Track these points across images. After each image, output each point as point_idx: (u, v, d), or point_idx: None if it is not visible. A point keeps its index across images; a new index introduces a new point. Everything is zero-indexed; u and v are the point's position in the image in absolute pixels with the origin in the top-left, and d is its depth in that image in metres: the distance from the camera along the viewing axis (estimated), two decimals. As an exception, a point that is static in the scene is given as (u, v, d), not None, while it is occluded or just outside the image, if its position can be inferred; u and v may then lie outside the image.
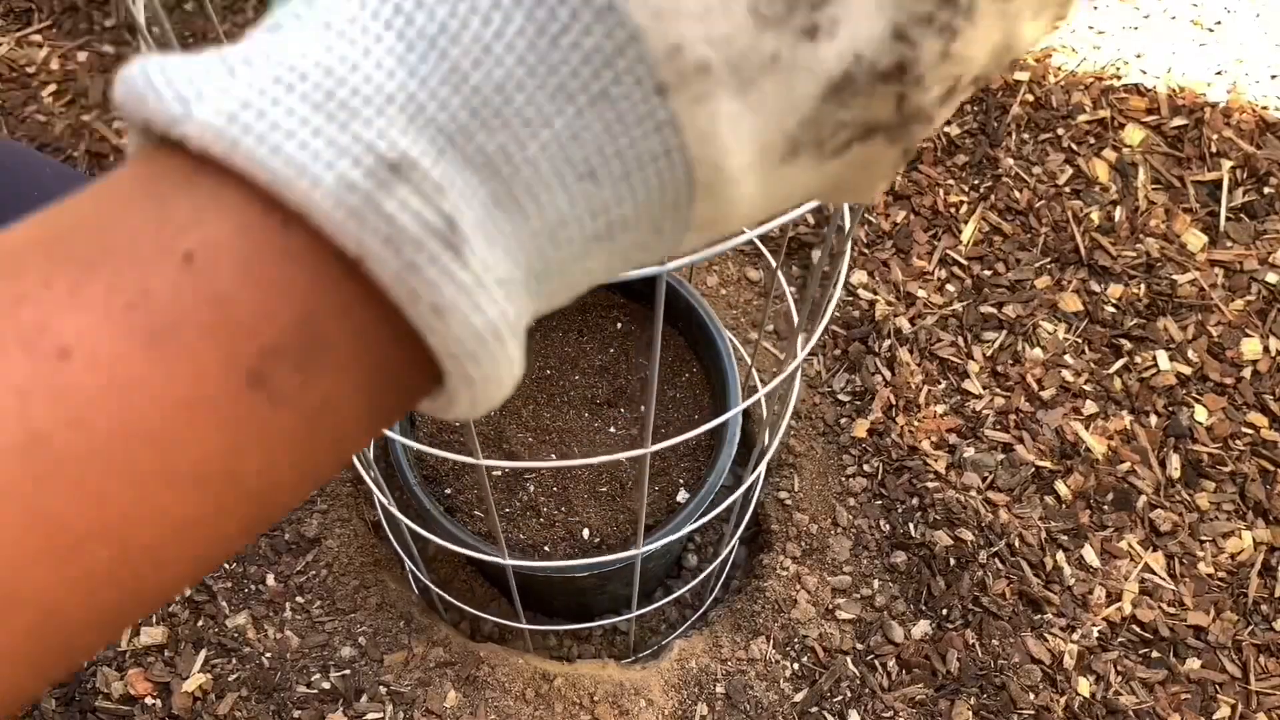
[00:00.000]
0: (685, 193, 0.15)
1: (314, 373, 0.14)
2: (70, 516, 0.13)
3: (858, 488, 0.79)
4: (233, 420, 0.14)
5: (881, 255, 0.88)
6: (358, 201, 0.13)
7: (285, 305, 0.14)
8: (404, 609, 0.72)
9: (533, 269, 0.15)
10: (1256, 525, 0.78)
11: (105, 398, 0.13)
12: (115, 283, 0.13)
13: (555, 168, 0.14)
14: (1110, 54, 0.97)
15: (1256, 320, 0.85)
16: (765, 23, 0.14)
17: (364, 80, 0.13)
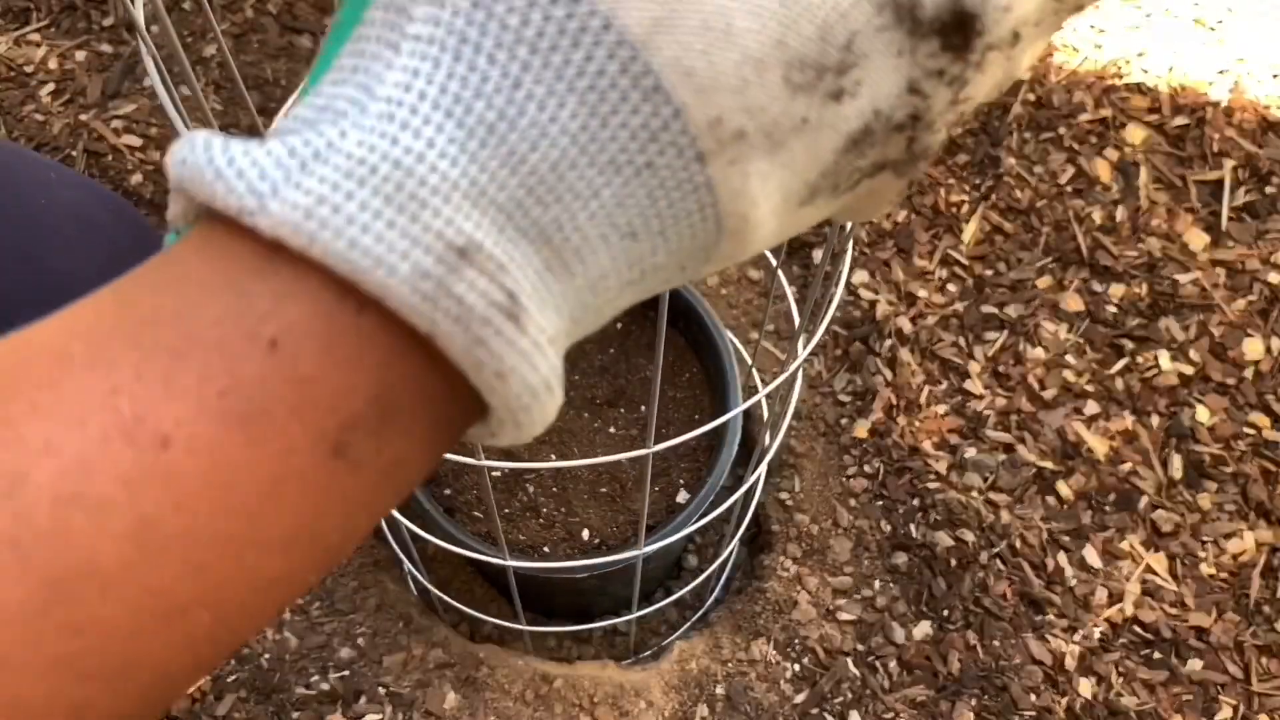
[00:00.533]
0: (713, 238, 0.16)
1: (387, 438, 0.15)
2: (177, 589, 0.14)
3: (859, 488, 0.79)
4: (317, 488, 0.15)
5: (882, 255, 0.88)
6: (430, 287, 0.14)
7: (362, 381, 0.15)
8: (403, 610, 0.72)
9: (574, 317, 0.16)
10: (1258, 526, 0.77)
11: (205, 481, 0.14)
12: (206, 372, 0.14)
13: (601, 231, 0.15)
14: (1112, 53, 0.97)
15: (1259, 320, 0.85)
16: (796, 90, 0.15)
17: (430, 170, 0.14)
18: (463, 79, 0.14)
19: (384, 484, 0.16)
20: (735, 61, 0.14)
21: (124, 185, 0.87)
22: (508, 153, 0.14)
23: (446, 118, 0.14)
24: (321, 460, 0.15)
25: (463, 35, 0.14)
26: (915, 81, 0.16)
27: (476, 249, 0.14)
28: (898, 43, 0.15)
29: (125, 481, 0.14)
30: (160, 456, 0.14)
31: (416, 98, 0.14)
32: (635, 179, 0.15)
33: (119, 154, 0.89)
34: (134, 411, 0.14)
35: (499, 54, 0.14)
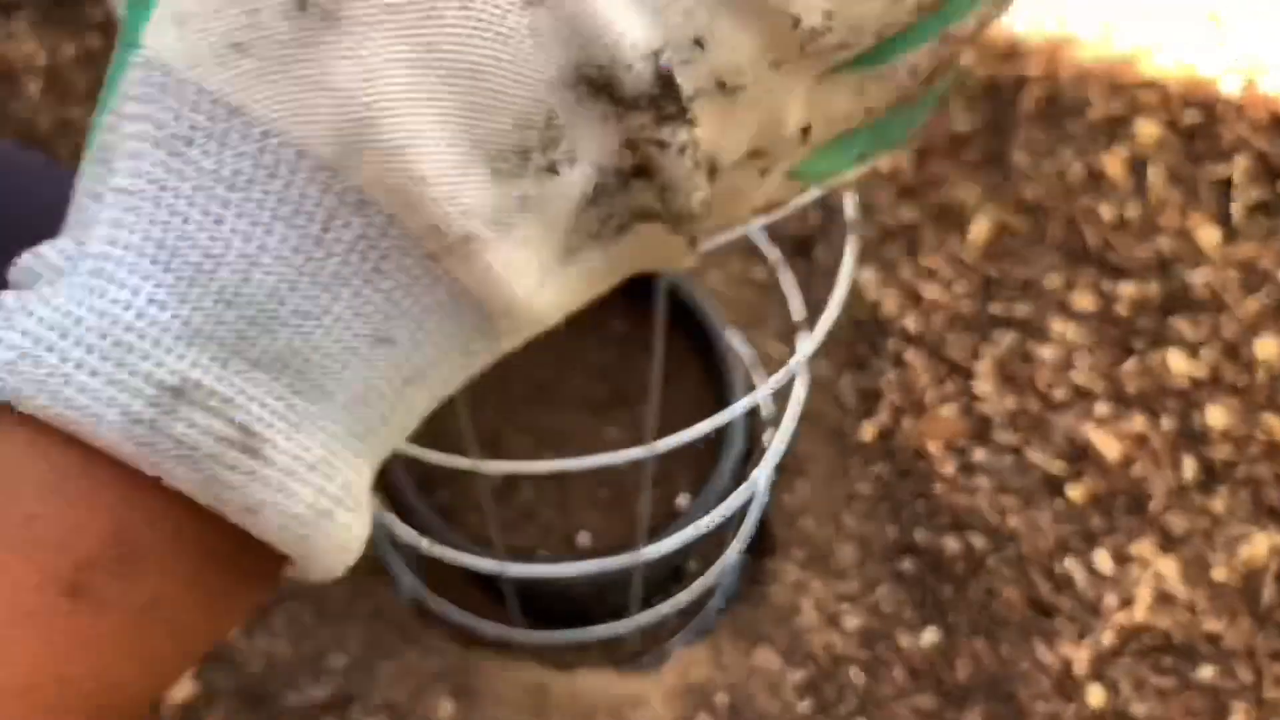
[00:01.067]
0: (483, 319, 0.16)
1: (134, 578, 0.14)
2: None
3: (864, 492, 0.78)
4: (54, 629, 0.14)
5: (888, 253, 0.87)
6: (144, 431, 0.14)
7: (94, 520, 0.14)
8: (398, 617, 0.71)
9: (353, 432, 0.16)
10: (1271, 530, 0.77)
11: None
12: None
13: (345, 345, 0.15)
14: (1122, 48, 0.96)
15: (1272, 320, 0.84)
16: (506, 177, 0.15)
17: (136, 316, 0.14)
18: (164, 224, 0.14)
19: (144, 626, 0.15)
20: (437, 171, 0.14)
21: (114, 181, 0.87)
22: (219, 288, 0.14)
23: (152, 264, 0.14)
24: (55, 601, 0.14)
25: (161, 182, 0.14)
26: (632, 139, 0.15)
27: (194, 386, 0.14)
28: (600, 110, 0.15)
29: None
30: None
31: (122, 249, 0.14)
32: (366, 287, 0.15)
33: (109, 150, 0.88)
34: None
35: (198, 196, 0.14)
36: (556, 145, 0.15)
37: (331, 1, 0.14)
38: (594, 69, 0.15)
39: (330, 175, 0.14)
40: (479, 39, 0.14)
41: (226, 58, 0.14)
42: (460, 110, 0.14)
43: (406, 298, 0.15)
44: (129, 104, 0.14)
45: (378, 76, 0.14)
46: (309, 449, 0.15)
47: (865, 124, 0.20)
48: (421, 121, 0.14)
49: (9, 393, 0.14)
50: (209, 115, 0.14)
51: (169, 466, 0.14)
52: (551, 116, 0.15)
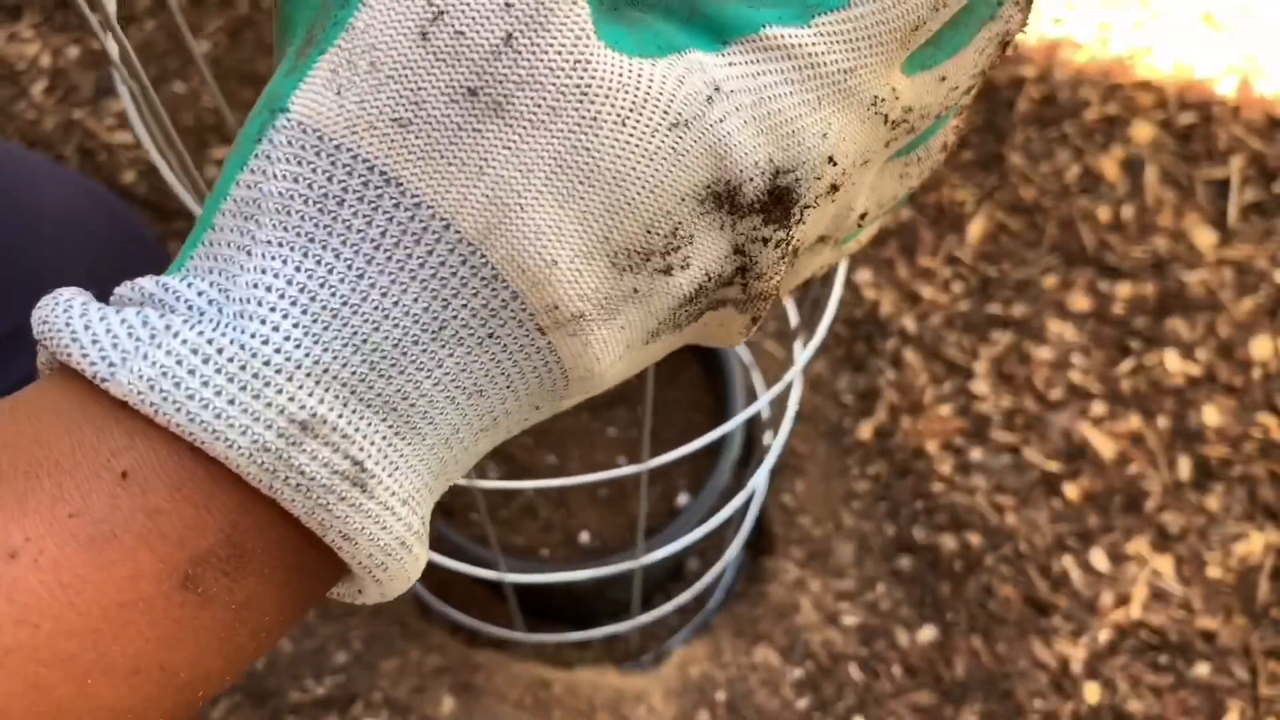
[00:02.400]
0: (561, 384, 0.18)
1: (239, 576, 0.16)
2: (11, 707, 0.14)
3: (862, 490, 0.78)
4: (166, 618, 0.15)
5: (886, 254, 0.87)
6: (270, 459, 0.15)
7: (212, 521, 0.15)
8: (400, 614, 0.71)
9: (434, 471, 0.17)
10: (1266, 528, 0.77)
11: (51, 596, 0.14)
12: (58, 494, 0.15)
13: (448, 394, 0.16)
14: (1118, 49, 0.96)
15: (1266, 320, 0.84)
16: (624, 271, 0.17)
17: (274, 351, 0.15)
18: (309, 271, 0.15)
19: (237, 623, 0.16)
20: (566, 257, 0.16)
21: (117, 183, 0.87)
22: (351, 333, 0.15)
23: (292, 305, 0.15)
24: (170, 590, 0.15)
25: (310, 236, 0.15)
26: (739, 246, 0.17)
27: (320, 422, 0.15)
28: (720, 220, 0.17)
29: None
30: (6, 568, 0.14)
31: (265, 291, 0.15)
32: (479, 347, 0.16)
33: (111, 151, 0.88)
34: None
35: (344, 250, 0.15)
36: (676, 252, 0.17)
37: (502, 95, 0.15)
38: (723, 185, 0.16)
39: (470, 250, 0.16)
40: (628, 152, 0.16)
41: (387, 131, 0.15)
42: (598, 210, 0.16)
43: (508, 360, 0.17)
44: (278, 164, 0.15)
45: (532, 170, 0.15)
46: (403, 485, 0.16)
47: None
48: (562, 214, 0.16)
49: (149, 406, 0.15)
50: (363, 181, 0.15)
51: (286, 492, 0.15)
52: (678, 227, 0.16)
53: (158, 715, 0.16)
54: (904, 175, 0.21)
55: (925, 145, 0.21)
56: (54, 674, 0.14)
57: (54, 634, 0.14)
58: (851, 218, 0.20)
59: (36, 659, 0.14)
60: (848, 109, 0.17)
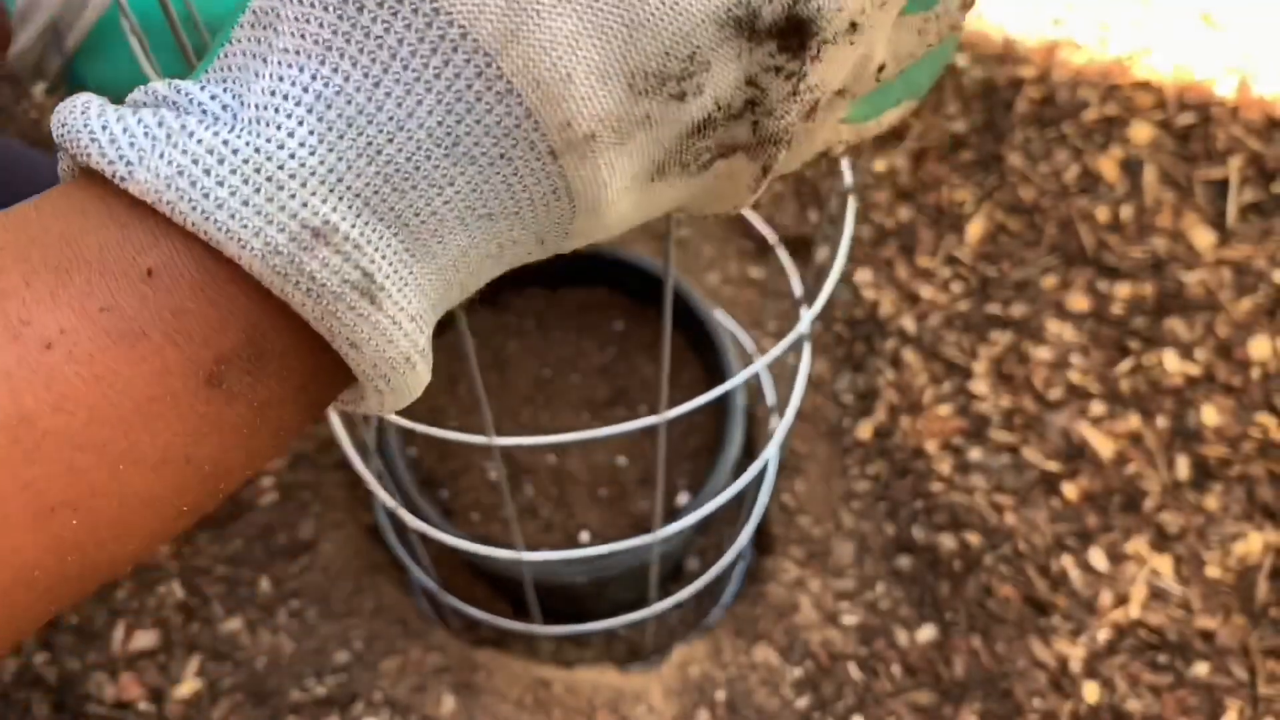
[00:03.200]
0: (568, 214, 0.18)
1: (260, 376, 0.16)
2: (49, 487, 0.15)
3: (861, 490, 0.78)
4: (193, 412, 0.16)
5: (885, 254, 0.88)
6: (282, 263, 0.15)
7: (234, 320, 0.16)
8: (400, 614, 0.71)
9: (438, 291, 0.18)
10: (1265, 528, 0.77)
11: (85, 385, 0.15)
12: (88, 289, 0.15)
13: (459, 215, 0.17)
14: (1117, 50, 0.96)
15: (1265, 320, 0.84)
16: (639, 95, 0.16)
17: (289, 156, 0.15)
18: (325, 79, 0.15)
19: (259, 423, 0.17)
20: (582, 73, 0.16)
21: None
22: (365, 143, 0.15)
23: (308, 113, 0.15)
24: (196, 386, 0.16)
25: (327, 44, 0.15)
26: (752, 76, 0.17)
27: (333, 230, 0.15)
28: (737, 47, 0.17)
29: (6, 375, 0.14)
30: (43, 357, 0.15)
31: (281, 99, 0.15)
32: (490, 168, 0.16)
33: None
34: (19, 315, 0.15)
35: (361, 58, 0.15)
36: (691, 78, 0.17)
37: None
38: (743, 9, 0.16)
39: (486, 60, 0.15)
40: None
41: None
42: (618, 27, 0.16)
43: (519, 183, 0.17)
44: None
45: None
46: (412, 302, 0.17)
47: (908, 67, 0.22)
48: (580, 26, 0.16)
49: (165, 205, 0.15)
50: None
51: (297, 296, 0.16)
52: (695, 51, 0.16)
53: (181, 504, 0.17)
54: (922, 31, 0.21)
55: (944, 1, 0.21)
56: (88, 459, 0.15)
57: (89, 422, 0.15)
58: (870, 68, 0.20)
59: (73, 444, 0.15)
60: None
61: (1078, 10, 0.98)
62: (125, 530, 0.16)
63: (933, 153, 0.92)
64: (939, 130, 0.92)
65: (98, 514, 0.15)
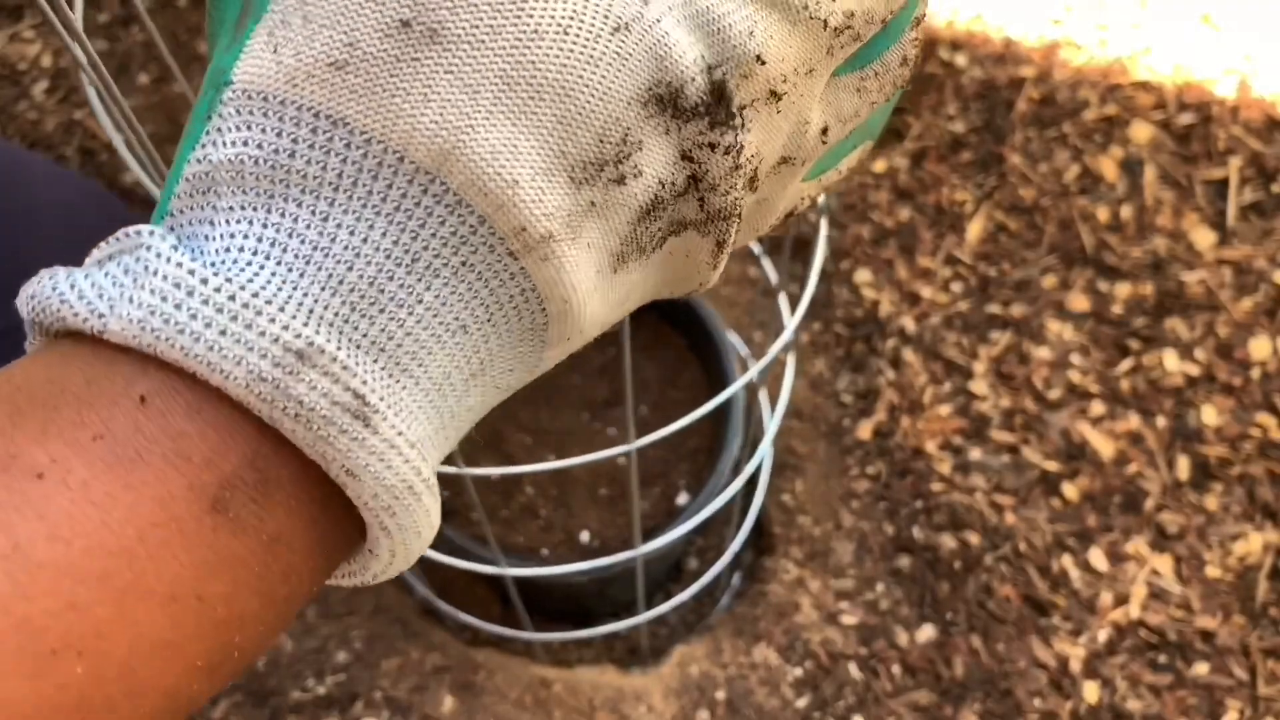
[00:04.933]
0: (540, 318, 0.17)
1: (268, 506, 0.15)
2: (49, 626, 0.13)
3: (861, 490, 0.78)
4: (199, 542, 0.15)
5: (885, 254, 0.88)
6: (267, 390, 0.15)
7: (235, 445, 0.15)
8: (400, 613, 0.71)
9: (432, 421, 0.17)
10: (1265, 528, 0.77)
11: (81, 514, 0.14)
12: (79, 420, 0.14)
13: (433, 332, 0.16)
14: (1117, 50, 0.96)
15: (1265, 320, 0.84)
16: (580, 184, 0.16)
17: (261, 288, 0.15)
18: (276, 225, 0.15)
19: (270, 558, 0.16)
20: (527, 176, 0.16)
21: (117, 183, 0.87)
22: (326, 276, 0.15)
23: (266, 259, 0.15)
24: (201, 513, 0.15)
25: (269, 193, 0.15)
26: (686, 151, 0.17)
27: (318, 352, 0.15)
28: (664, 124, 0.17)
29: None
30: (34, 486, 0.14)
31: (236, 253, 0.15)
32: (454, 278, 0.16)
33: (113, 152, 0.88)
34: (6, 449, 0.14)
35: (305, 198, 0.15)
36: (628, 160, 0.17)
37: (436, 21, 0.15)
38: (664, 87, 0.16)
39: (429, 178, 0.15)
40: (573, 61, 0.16)
41: (326, 76, 0.15)
42: (551, 123, 0.16)
43: (485, 289, 0.16)
44: (227, 134, 0.15)
45: (479, 91, 0.15)
46: (410, 426, 0.16)
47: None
48: (516, 132, 0.16)
49: (145, 346, 0.15)
50: (311, 128, 0.15)
51: (287, 423, 0.15)
52: (627, 133, 0.16)
53: (196, 654, 0.15)
54: (861, 89, 0.20)
55: (881, 60, 0.20)
56: (90, 593, 0.14)
57: (88, 550, 0.14)
58: (810, 133, 0.20)
59: (72, 576, 0.14)
60: (774, 8, 0.17)
61: (1078, 10, 0.98)
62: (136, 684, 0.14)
63: (933, 153, 0.92)
64: (939, 130, 0.92)
65: (104, 659, 0.14)
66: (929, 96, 0.94)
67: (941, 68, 0.95)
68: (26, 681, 0.13)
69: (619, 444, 0.69)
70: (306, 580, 0.17)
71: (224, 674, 0.16)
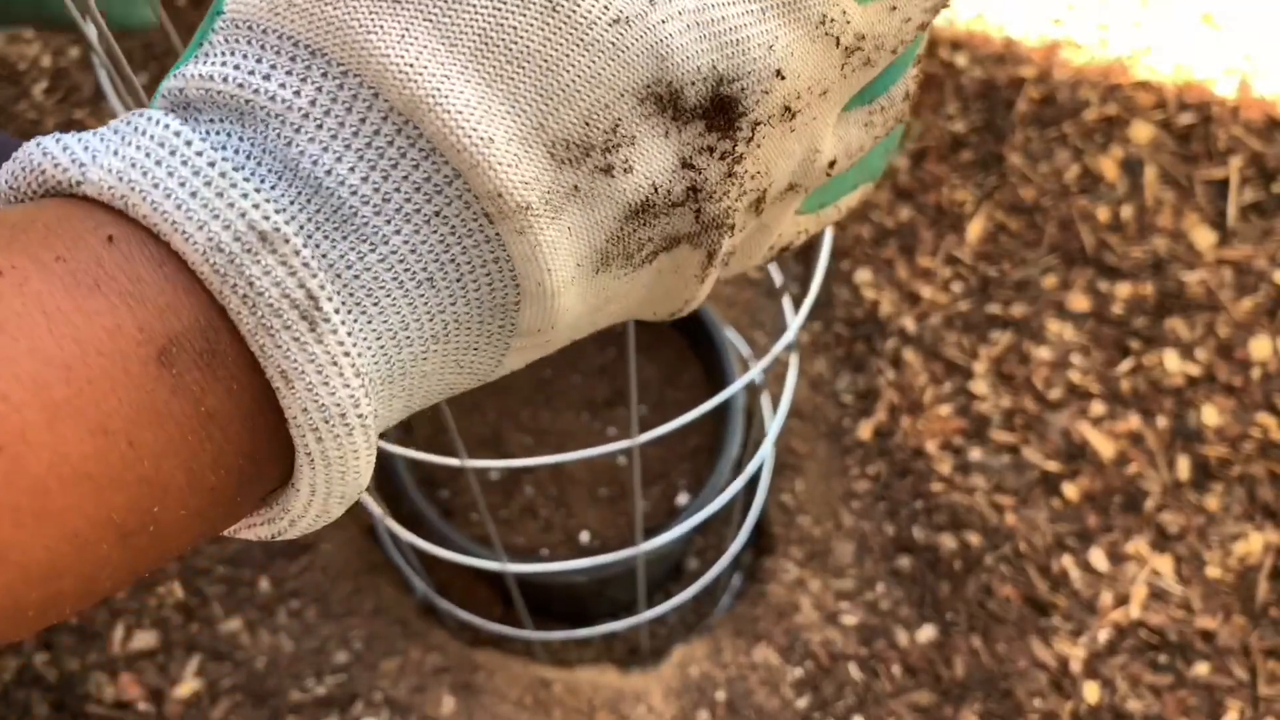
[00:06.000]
0: (512, 295, 0.17)
1: (210, 379, 0.15)
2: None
3: (861, 490, 0.78)
4: (140, 385, 0.14)
5: (885, 254, 0.88)
6: (222, 261, 0.15)
7: (188, 306, 0.15)
8: (400, 614, 0.71)
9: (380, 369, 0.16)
10: (1266, 528, 0.77)
11: (30, 319, 0.14)
12: (45, 240, 0.14)
13: (396, 275, 0.16)
14: (1117, 50, 0.96)
15: (1265, 320, 0.84)
16: (562, 163, 0.16)
17: (236, 169, 0.15)
18: (251, 139, 0.15)
19: (203, 435, 0.15)
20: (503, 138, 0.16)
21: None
22: (296, 193, 0.15)
23: (246, 159, 0.15)
24: (146, 359, 0.14)
25: (241, 112, 0.15)
26: (686, 158, 0.17)
27: (282, 240, 0.15)
28: (663, 126, 0.17)
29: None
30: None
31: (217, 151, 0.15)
32: (426, 226, 0.16)
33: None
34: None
35: (272, 120, 0.15)
36: (616, 150, 0.16)
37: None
38: (664, 86, 0.16)
39: (403, 120, 0.15)
40: (560, 38, 0.16)
41: (307, 6, 0.15)
42: (529, 94, 0.16)
43: (457, 245, 0.16)
44: (211, 58, 0.16)
45: (456, 44, 0.15)
46: (359, 351, 0.16)
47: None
48: (491, 94, 0.15)
49: (119, 200, 0.15)
50: (290, 56, 0.15)
51: (234, 302, 0.15)
52: (617, 124, 0.16)
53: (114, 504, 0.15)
54: (869, 124, 0.21)
55: (888, 94, 0.21)
56: (24, 394, 0.13)
57: (30, 351, 0.14)
58: (819, 162, 0.20)
59: (9, 371, 0.13)
60: (795, 24, 0.17)
61: (1078, 10, 0.98)
62: (47, 506, 0.14)
63: (933, 153, 0.92)
64: (939, 130, 0.92)
65: (22, 464, 0.13)
66: (929, 96, 0.94)
67: (941, 67, 0.95)
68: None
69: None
70: (232, 486, 0.16)
71: (135, 549, 0.15)
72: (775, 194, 0.19)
